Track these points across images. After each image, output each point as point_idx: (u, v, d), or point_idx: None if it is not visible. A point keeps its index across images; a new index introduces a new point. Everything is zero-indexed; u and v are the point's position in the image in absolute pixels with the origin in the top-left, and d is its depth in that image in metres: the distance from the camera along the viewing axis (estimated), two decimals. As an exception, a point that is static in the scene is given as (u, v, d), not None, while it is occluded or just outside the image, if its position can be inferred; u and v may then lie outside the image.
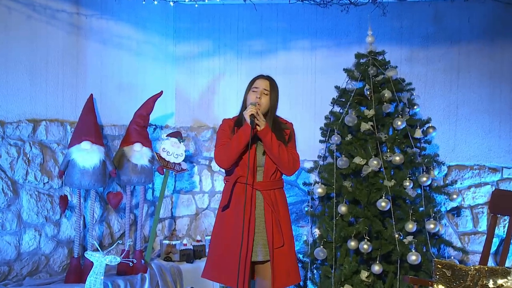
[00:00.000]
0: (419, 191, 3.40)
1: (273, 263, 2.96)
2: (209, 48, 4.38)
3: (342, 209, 3.35)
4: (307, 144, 3.93)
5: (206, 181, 4.42)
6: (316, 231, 3.52)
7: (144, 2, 3.79)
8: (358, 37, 4.08)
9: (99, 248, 3.02)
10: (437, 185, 3.54)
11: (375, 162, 3.34)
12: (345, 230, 3.34)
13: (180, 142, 3.96)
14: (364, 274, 3.33)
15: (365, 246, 3.26)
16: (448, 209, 4.02)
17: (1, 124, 3.31)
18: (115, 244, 3.53)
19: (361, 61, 3.62)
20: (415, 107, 3.59)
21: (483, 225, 4.01)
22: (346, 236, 3.35)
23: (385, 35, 4.10)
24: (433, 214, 3.36)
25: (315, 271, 3.60)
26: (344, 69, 3.64)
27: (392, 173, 3.43)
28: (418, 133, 3.48)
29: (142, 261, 3.69)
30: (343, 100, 3.62)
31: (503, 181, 4.02)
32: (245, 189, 2.91)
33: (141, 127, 3.75)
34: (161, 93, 3.87)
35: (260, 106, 2.99)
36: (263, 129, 2.92)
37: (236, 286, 2.86)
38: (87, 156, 3.34)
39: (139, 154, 3.65)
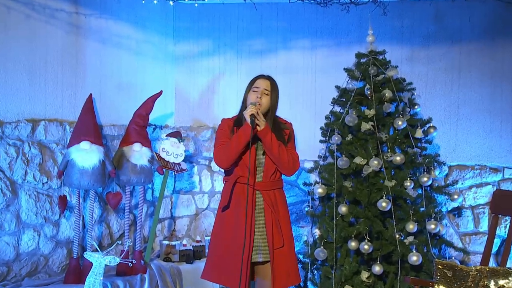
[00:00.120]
0: (420, 191, 3.39)
1: (273, 264, 2.95)
2: (209, 48, 4.37)
3: (343, 209, 3.34)
4: (307, 144, 3.92)
5: (205, 181, 4.40)
6: (317, 232, 3.51)
7: (143, 1, 3.78)
8: (359, 37, 4.07)
9: (98, 249, 3.01)
10: (438, 185, 3.54)
11: (375, 162, 3.33)
12: (346, 231, 3.33)
13: (180, 142, 3.95)
14: (364, 275, 3.32)
15: (366, 247, 3.25)
16: (449, 209, 4.00)
17: (0, 124, 3.29)
18: (115, 244, 3.51)
19: (362, 60, 3.61)
20: (416, 107, 3.58)
21: (484, 226, 4.00)
22: (347, 237, 3.34)
23: (386, 34, 4.09)
24: (434, 215, 3.36)
25: (315, 271, 3.60)
26: (344, 69, 3.64)
27: (393, 173, 3.42)
28: (419, 133, 3.47)
29: (142, 261, 3.68)
30: (344, 99, 3.61)
31: (504, 181, 4.00)
32: (247, 190, 2.89)
33: (140, 127, 3.74)
34: (161, 92, 3.86)
35: (260, 106, 2.98)
36: (263, 129, 2.91)
37: (236, 287, 2.84)
38: (86, 156, 3.33)
39: (138, 154, 3.64)
